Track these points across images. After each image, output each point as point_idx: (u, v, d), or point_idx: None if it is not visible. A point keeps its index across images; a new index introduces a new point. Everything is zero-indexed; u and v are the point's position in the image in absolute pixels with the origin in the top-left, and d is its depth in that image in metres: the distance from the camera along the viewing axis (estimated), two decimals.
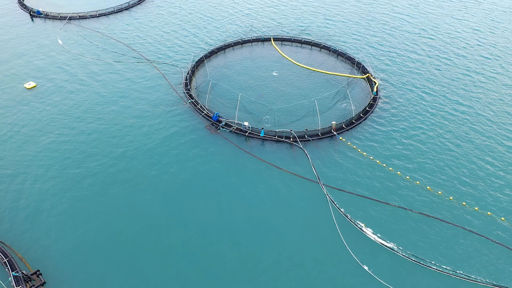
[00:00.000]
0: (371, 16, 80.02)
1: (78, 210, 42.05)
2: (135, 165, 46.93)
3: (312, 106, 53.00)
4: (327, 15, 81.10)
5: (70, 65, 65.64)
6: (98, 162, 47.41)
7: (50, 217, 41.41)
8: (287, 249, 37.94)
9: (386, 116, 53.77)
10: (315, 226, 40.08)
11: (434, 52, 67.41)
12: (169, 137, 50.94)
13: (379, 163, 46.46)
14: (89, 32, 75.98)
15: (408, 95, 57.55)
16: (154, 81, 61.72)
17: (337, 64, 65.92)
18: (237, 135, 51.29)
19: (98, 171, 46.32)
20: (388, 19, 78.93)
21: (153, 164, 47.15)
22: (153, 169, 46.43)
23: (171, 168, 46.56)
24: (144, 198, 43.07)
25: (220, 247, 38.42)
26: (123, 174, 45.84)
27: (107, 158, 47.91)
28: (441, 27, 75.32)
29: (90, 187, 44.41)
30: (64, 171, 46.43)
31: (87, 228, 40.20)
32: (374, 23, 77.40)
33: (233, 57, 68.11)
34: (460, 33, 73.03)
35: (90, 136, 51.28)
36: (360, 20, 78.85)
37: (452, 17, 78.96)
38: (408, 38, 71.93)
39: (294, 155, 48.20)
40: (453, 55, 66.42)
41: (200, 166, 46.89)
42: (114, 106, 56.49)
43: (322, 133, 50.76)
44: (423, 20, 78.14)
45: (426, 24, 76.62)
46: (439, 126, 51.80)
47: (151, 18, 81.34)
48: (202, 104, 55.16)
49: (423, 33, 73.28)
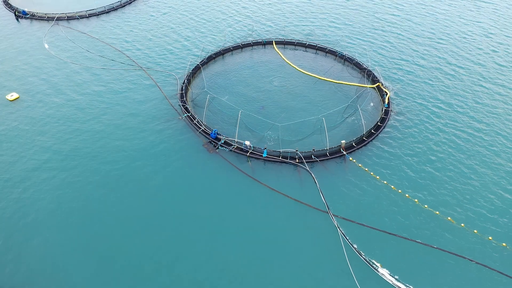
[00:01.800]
0: (377, 19, 75.03)
1: (54, 249, 37.78)
2: (124, 191, 42.64)
3: (320, 123, 48.44)
4: (331, 17, 76.05)
5: (56, 74, 60.66)
6: (78, 194, 43.05)
7: (21, 252, 37.19)
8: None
9: (399, 132, 49.27)
10: (324, 264, 35.85)
11: (445, 58, 62.66)
12: (163, 157, 46.40)
13: (394, 188, 42.16)
14: (77, 34, 70.90)
15: (422, 106, 52.95)
16: (147, 91, 56.95)
17: (344, 71, 61.19)
18: (237, 155, 46.86)
19: (78, 206, 41.90)
20: (396, 21, 73.96)
21: (144, 188, 42.78)
22: (143, 195, 42.09)
23: (164, 194, 42.21)
24: (133, 226, 38.83)
25: (218, 283, 34.37)
26: (108, 201, 41.55)
27: (90, 186, 43.60)
28: (451, 29, 70.41)
29: (71, 224, 40.17)
30: (39, 211, 42.11)
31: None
32: (380, 26, 72.45)
33: (232, 64, 63.29)
34: (472, 37, 68.17)
35: (71, 161, 46.73)
36: (366, 23, 73.86)
37: (463, 18, 74.03)
38: (417, 42, 67.06)
39: (300, 179, 43.86)
40: (468, 63, 61.71)
41: (196, 192, 42.52)
42: (102, 119, 51.86)
43: (330, 152, 46.37)
44: (432, 22, 73.17)
45: (435, 26, 71.68)
46: (459, 145, 47.41)
47: (144, 19, 76.17)
48: (199, 119, 50.58)
49: (433, 37, 68.40)
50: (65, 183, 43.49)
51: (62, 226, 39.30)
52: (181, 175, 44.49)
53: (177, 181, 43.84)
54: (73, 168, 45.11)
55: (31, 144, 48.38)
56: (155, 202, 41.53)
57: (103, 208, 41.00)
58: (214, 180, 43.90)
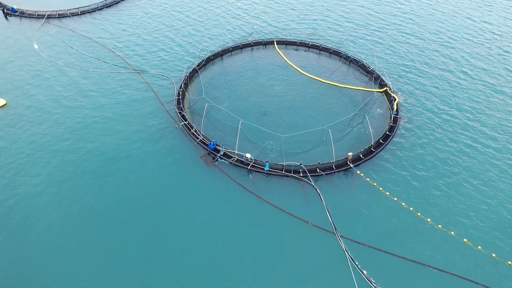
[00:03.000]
0: (383, 18, 71.66)
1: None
2: (112, 206, 39.89)
3: (325, 134, 45.48)
4: (335, 16, 72.65)
5: (46, 78, 57.45)
6: (66, 211, 40.29)
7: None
8: None
9: (408, 142, 46.39)
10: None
11: (458, 60, 59.56)
12: (158, 170, 43.61)
13: (405, 206, 39.45)
14: (69, 34, 67.46)
15: (432, 114, 50.02)
16: (141, 96, 53.78)
17: (349, 74, 58.04)
18: (237, 168, 44.03)
19: (67, 229, 39.23)
20: (403, 20, 70.62)
21: (137, 206, 40.02)
22: (136, 212, 39.36)
23: (158, 210, 39.47)
24: (126, 246, 36.20)
25: None
26: (96, 220, 38.83)
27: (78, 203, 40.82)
28: (458, 28, 67.16)
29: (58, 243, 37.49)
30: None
31: None
32: (387, 26, 69.15)
33: (232, 66, 60.06)
34: (483, 36, 64.96)
35: (58, 177, 43.90)
36: (372, 22, 70.51)
37: (470, 18, 70.71)
38: (426, 43, 63.86)
39: (305, 195, 41.10)
40: (480, 63, 58.67)
41: (193, 208, 39.78)
42: (94, 127, 48.86)
43: (336, 165, 43.56)
44: (439, 22, 69.88)
45: (445, 26, 68.42)
46: (473, 158, 44.62)
47: (139, 18, 72.63)
48: (196, 129, 47.60)
49: (444, 37, 65.21)
50: (53, 201, 40.74)
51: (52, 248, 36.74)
52: (178, 190, 41.70)
53: (173, 197, 41.08)
54: (62, 183, 42.33)
55: (14, 157, 45.49)
56: (149, 219, 38.79)
57: (94, 225, 38.32)
58: (212, 196, 41.14)
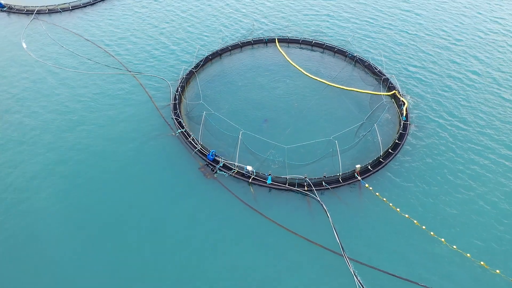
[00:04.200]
0: (391, 15, 68.32)
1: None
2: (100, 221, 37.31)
3: (332, 145, 42.67)
4: (339, 13, 69.26)
5: (34, 80, 54.29)
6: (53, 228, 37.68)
7: None
8: None
9: (419, 152, 43.66)
10: None
11: (472, 63, 56.54)
12: (152, 182, 40.93)
13: (417, 224, 36.88)
14: (59, 31, 64.10)
15: (445, 120, 47.23)
16: (135, 100, 50.78)
17: (355, 75, 55.02)
18: (238, 181, 41.35)
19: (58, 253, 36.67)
20: (410, 18, 67.33)
21: (129, 220, 37.43)
22: (128, 227, 36.78)
23: (152, 226, 36.91)
24: (117, 262, 33.74)
25: None
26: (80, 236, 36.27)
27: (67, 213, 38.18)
28: (471, 26, 63.95)
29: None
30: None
31: None
32: (395, 24, 65.91)
33: (231, 66, 56.92)
34: (492, 37, 61.80)
35: (41, 193, 41.21)
36: (379, 20, 67.20)
37: (482, 14, 67.39)
38: (439, 42, 60.74)
39: (310, 211, 38.51)
40: (492, 71, 55.63)
41: (191, 226, 37.22)
42: (83, 136, 46.04)
43: (343, 178, 40.90)
44: (447, 19, 66.60)
45: (459, 25, 65.19)
46: (491, 171, 41.95)
47: (133, 14, 69.21)
48: (194, 138, 44.76)
49: (448, 34, 62.04)
50: (37, 219, 38.14)
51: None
52: (174, 205, 39.01)
53: (169, 212, 38.43)
54: (47, 199, 39.65)
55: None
56: (142, 236, 36.20)
57: (85, 243, 35.79)
58: (211, 212, 38.51)
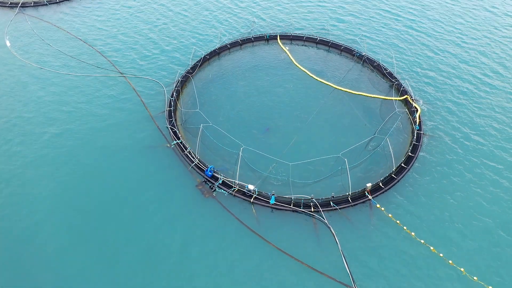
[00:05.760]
0: (405, 10, 63.94)
1: None
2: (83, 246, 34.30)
3: (341, 163, 39.27)
4: (347, 7, 64.80)
5: (19, 83, 50.47)
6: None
7: None
8: None
9: (435, 166, 40.31)
10: None
11: (488, 64, 52.70)
12: (144, 201, 37.68)
13: (434, 251, 33.87)
14: (46, 26, 59.82)
15: (462, 133, 43.79)
16: (127, 105, 47.10)
17: (363, 76, 51.27)
18: (238, 201, 38.14)
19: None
20: (424, 15, 63.01)
21: (119, 245, 34.42)
22: (119, 253, 33.80)
23: (146, 252, 33.92)
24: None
25: None
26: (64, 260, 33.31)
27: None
28: (491, 25, 59.77)
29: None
30: None
31: None
32: (407, 19, 61.65)
33: (230, 67, 52.99)
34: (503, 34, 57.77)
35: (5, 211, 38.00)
36: (390, 17, 62.89)
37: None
38: (455, 41, 56.71)
39: (317, 235, 35.43)
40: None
41: (188, 252, 34.20)
42: (69, 147, 42.63)
43: (353, 197, 37.72)
44: (470, 18, 62.32)
45: (479, 23, 60.95)
46: None
47: (126, 9, 64.69)
48: (191, 151, 41.32)
49: (472, 34, 57.97)
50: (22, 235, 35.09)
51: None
52: (169, 225, 35.90)
53: (164, 235, 35.39)
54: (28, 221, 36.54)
55: None
56: (132, 259, 33.25)
57: (73, 268, 32.90)
58: (209, 236, 35.36)
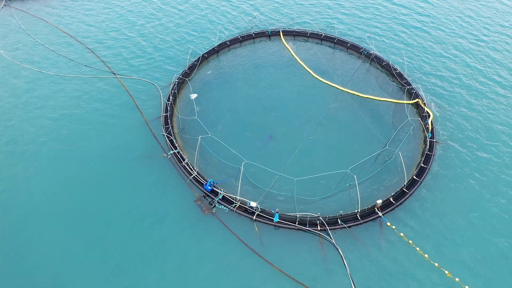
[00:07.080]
0: (416, 6, 60.45)
1: None
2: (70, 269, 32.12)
3: (349, 179, 36.78)
4: (351, 5, 61.29)
5: (4, 84, 47.50)
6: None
7: None
8: None
9: (449, 178, 37.90)
10: None
11: (505, 65, 49.76)
12: (138, 217, 35.35)
13: (449, 275, 31.79)
14: (33, 21, 56.42)
15: (478, 143, 41.23)
16: (121, 111, 44.33)
17: (370, 76, 48.34)
18: (239, 218, 35.79)
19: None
20: (437, 11, 59.58)
21: (109, 266, 32.29)
22: (111, 274, 31.71)
23: (140, 274, 31.82)
24: None
25: None
26: None
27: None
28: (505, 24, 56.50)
29: None
30: None
31: None
32: (419, 19, 58.21)
33: (229, 66, 49.95)
34: None
35: None
36: (400, 12, 59.39)
37: None
38: (470, 41, 53.54)
39: (324, 257, 33.26)
40: None
41: (182, 271, 32.08)
42: (57, 158, 40.05)
43: (362, 215, 35.41)
44: (485, 18, 58.94)
45: (495, 23, 57.61)
46: None
47: (120, 2, 61.10)
48: (189, 162, 38.74)
49: (486, 33, 54.76)
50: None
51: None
52: (165, 245, 33.69)
53: (159, 253, 33.20)
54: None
55: None
56: (126, 285, 31.30)
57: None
58: (208, 257, 33.13)
